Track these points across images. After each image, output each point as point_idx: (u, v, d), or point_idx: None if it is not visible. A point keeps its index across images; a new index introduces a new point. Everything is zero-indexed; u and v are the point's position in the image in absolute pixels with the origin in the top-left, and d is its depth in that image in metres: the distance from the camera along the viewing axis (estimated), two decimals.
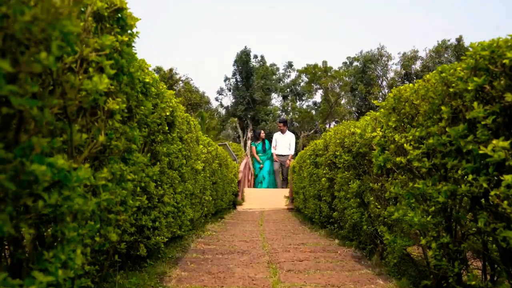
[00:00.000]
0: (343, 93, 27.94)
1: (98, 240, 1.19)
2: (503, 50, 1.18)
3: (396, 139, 1.85)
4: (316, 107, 33.66)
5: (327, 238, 3.42)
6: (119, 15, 1.11)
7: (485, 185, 1.28)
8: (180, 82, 28.44)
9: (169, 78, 26.62)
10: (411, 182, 1.75)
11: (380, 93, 26.08)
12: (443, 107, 1.47)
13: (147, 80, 1.59)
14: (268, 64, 34.56)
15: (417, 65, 24.18)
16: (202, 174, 3.82)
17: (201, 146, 3.90)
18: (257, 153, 10.48)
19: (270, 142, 10.79)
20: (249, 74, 30.90)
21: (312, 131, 32.48)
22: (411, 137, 1.76)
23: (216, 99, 35.59)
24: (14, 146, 0.63)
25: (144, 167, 1.83)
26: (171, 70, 26.86)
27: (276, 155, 9.87)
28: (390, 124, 1.93)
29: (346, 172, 2.99)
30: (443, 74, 1.46)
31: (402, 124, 1.88)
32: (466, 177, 1.39)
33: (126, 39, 1.10)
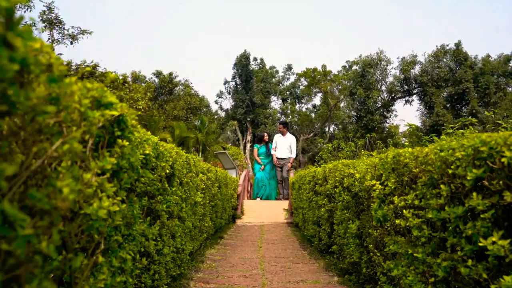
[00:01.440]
0: (342, 96, 28.00)
1: None
2: (502, 147, 1.18)
3: (395, 201, 1.85)
4: (315, 110, 33.75)
5: (326, 273, 3.42)
6: (120, 118, 1.11)
7: (484, 275, 1.29)
8: (180, 85, 28.45)
9: (169, 82, 26.66)
10: (410, 249, 1.76)
11: (379, 97, 26.10)
12: (442, 186, 1.47)
13: (147, 152, 1.59)
14: (267, 66, 34.63)
15: (416, 70, 24.25)
16: (201, 202, 3.83)
17: (201, 175, 3.90)
18: (259, 155, 10.29)
19: None
20: (249, 77, 30.99)
21: (311, 134, 32.51)
22: (410, 201, 1.76)
23: (216, 102, 35.72)
24: None
25: (143, 229, 1.83)
26: (170, 74, 26.91)
27: (276, 157, 9.70)
28: (390, 185, 1.93)
29: (345, 211, 2.99)
30: (442, 154, 1.47)
31: (401, 186, 1.88)
32: (466, 258, 1.40)
33: (127, 143, 1.10)
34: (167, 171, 2.01)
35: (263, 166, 10.10)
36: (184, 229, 2.88)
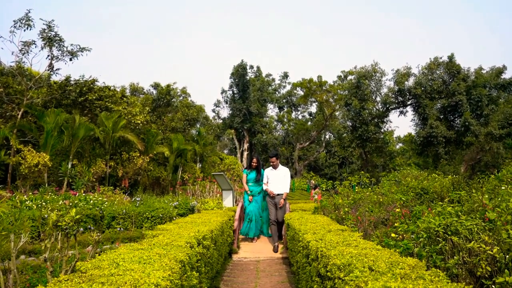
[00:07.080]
0: (337, 106, 28.26)
1: None
2: None
3: None
4: (311, 118, 34.02)
5: None
6: None
7: None
8: (178, 92, 28.53)
9: (166, 93, 26.75)
10: None
11: (374, 109, 26.38)
12: None
13: None
14: (264, 74, 34.84)
15: (410, 82, 24.54)
16: (197, 280, 4.01)
17: (197, 248, 4.09)
18: (247, 182, 8.98)
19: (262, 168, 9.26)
20: (246, 87, 31.18)
21: (308, 143, 32.79)
22: None
23: (213, 111, 35.89)
24: None
25: None
26: (168, 86, 27.00)
27: (270, 190, 8.39)
28: None
29: None
30: None
31: None
32: None
33: None
34: None
35: (251, 196, 8.84)
36: None
